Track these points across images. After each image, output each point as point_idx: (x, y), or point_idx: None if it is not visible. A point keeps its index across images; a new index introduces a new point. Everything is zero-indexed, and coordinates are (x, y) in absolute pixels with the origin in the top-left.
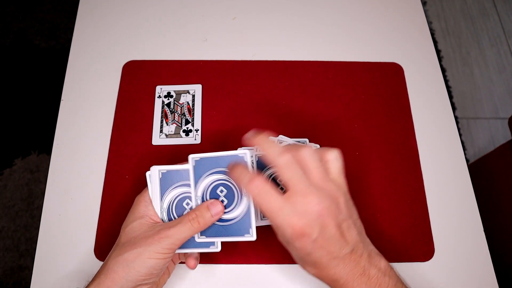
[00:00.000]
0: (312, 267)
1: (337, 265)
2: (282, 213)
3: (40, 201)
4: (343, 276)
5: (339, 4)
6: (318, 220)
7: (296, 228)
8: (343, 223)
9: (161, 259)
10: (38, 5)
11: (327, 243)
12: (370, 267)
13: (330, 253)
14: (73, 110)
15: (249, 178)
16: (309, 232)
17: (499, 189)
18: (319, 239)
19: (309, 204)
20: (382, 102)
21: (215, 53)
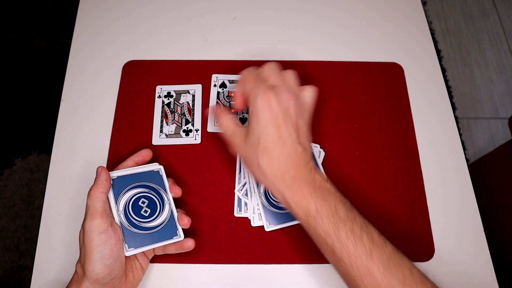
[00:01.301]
0: (263, 153)
1: (289, 154)
2: (264, 83)
3: (40, 201)
4: (291, 169)
5: (339, 4)
6: (286, 105)
7: (267, 95)
8: (302, 125)
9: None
10: (38, 5)
11: (286, 124)
12: (315, 173)
13: (288, 134)
14: (73, 110)
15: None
16: (274, 105)
17: (499, 189)
18: (279, 117)
19: (283, 91)
20: (382, 102)
21: (215, 53)
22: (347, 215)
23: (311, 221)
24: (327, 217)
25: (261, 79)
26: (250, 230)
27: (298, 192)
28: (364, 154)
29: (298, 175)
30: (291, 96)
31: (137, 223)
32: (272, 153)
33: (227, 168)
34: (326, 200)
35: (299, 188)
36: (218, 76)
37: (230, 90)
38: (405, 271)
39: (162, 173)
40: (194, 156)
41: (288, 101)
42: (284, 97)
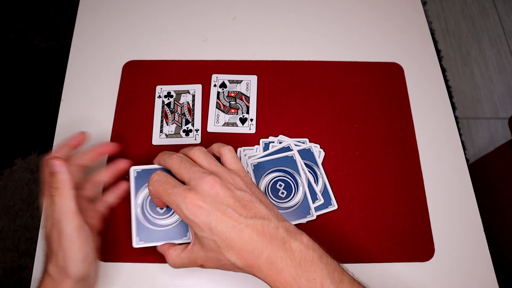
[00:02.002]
0: (228, 249)
1: (251, 236)
2: (177, 190)
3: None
4: (263, 251)
5: (339, 4)
6: (212, 194)
7: (188, 199)
8: (244, 196)
9: None
10: (38, 5)
11: (226, 215)
12: (291, 240)
13: (234, 224)
14: (73, 110)
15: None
16: (202, 203)
17: (499, 189)
18: (215, 210)
19: (203, 181)
20: (382, 102)
21: (215, 53)
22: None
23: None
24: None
25: (173, 184)
26: None
27: (279, 276)
28: (364, 154)
29: (272, 255)
30: (212, 180)
31: (152, 219)
32: (236, 245)
33: None
34: (310, 279)
35: (279, 272)
36: (218, 76)
37: (230, 90)
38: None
39: None
40: None
41: (211, 187)
42: (206, 186)
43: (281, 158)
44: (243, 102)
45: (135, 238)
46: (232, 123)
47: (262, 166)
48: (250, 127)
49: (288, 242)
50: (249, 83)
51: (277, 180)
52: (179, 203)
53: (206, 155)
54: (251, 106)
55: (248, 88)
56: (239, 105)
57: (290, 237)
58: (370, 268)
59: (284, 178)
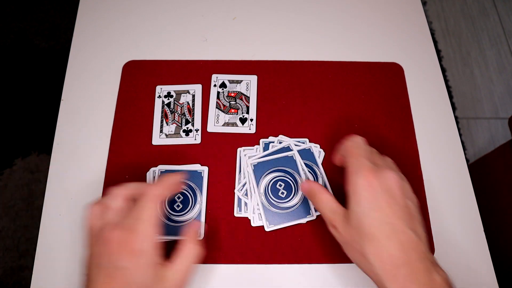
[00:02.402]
0: (369, 241)
1: (402, 243)
2: (365, 161)
3: (40, 201)
4: (406, 264)
5: (339, 4)
6: (390, 185)
7: (369, 174)
8: (411, 209)
9: None
10: (38, 5)
11: (390, 208)
12: (434, 272)
13: (392, 222)
14: (73, 110)
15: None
16: (376, 186)
17: (499, 189)
18: (384, 198)
19: (388, 172)
20: (382, 102)
21: (215, 53)
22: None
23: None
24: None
25: (364, 155)
26: (250, 230)
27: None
28: None
29: (414, 274)
30: (395, 176)
31: (168, 214)
32: (381, 241)
33: (227, 168)
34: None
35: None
36: (218, 76)
37: (230, 90)
38: None
39: (204, 174)
40: (194, 156)
41: (393, 181)
42: (388, 176)
43: (281, 158)
44: (243, 102)
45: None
46: (232, 123)
47: (262, 166)
48: (250, 127)
49: (432, 272)
50: (249, 83)
51: (277, 180)
52: (359, 170)
53: (393, 163)
54: (251, 106)
55: (248, 88)
56: (239, 105)
57: (434, 269)
58: None
59: (284, 178)
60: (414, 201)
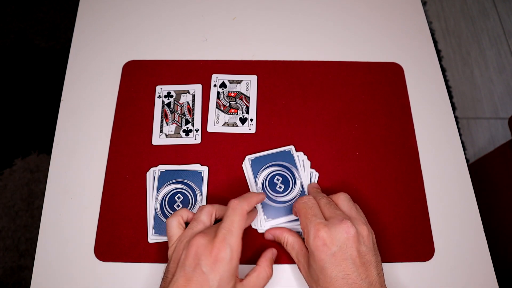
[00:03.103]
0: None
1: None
2: (315, 219)
3: (40, 201)
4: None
5: (339, 4)
6: (342, 239)
7: (320, 233)
8: (366, 255)
9: None
10: (38, 5)
11: (345, 263)
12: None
13: (346, 276)
14: (73, 110)
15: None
16: (329, 243)
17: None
18: (338, 254)
19: (340, 224)
20: (382, 102)
21: (215, 53)
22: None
23: None
24: None
25: (314, 212)
26: (250, 230)
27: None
28: (364, 154)
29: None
30: (345, 228)
31: (168, 215)
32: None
33: (227, 168)
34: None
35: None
36: (218, 76)
37: (230, 90)
38: None
39: (204, 174)
40: (194, 156)
41: (342, 234)
42: (338, 230)
43: (279, 152)
44: (243, 102)
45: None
46: (232, 123)
47: (260, 161)
48: (250, 127)
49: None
50: (249, 83)
51: (275, 174)
52: (311, 231)
53: (349, 201)
54: (251, 106)
55: (248, 88)
56: (239, 105)
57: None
58: None
59: (282, 172)
60: (369, 241)
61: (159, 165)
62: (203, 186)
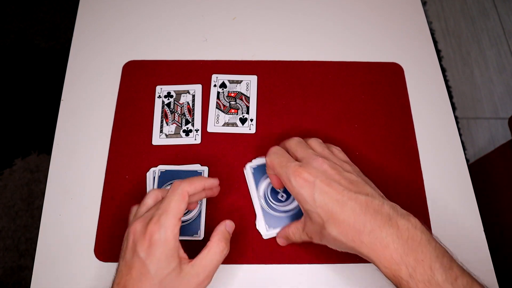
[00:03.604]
0: (330, 222)
1: (353, 209)
2: (289, 164)
3: (40, 201)
4: (365, 224)
5: (339, 4)
6: (321, 170)
7: (297, 173)
8: (350, 176)
9: None
10: (38, 5)
11: (330, 184)
12: (398, 217)
13: (338, 192)
14: (73, 110)
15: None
16: (309, 178)
17: (499, 189)
18: (320, 182)
19: (313, 160)
20: (382, 102)
21: (215, 53)
22: (446, 277)
23: (403, 286)
24: (422, 282)
25: (287, 158)
26: (250, 229)
27: (385, 252)
28: (364, 154)
29: (376, 229)
30: (322, 160)
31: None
32: (338, 218)
33: (227, 168)
34: (418, 260)
35: (385, 248)
36: (218, 76)
37: (230, 90)
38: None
39: (205, 174)
40: (194, 156)
41: (320, 165)
42: (315, 163)
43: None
44: (243, 102)
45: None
46: (232, 123)
47: (261, 169)
48: (250, 127)
49: (395, 219)
50: (249, 83)
51: None
52: (290, 175)
53: (321, 144)
54: (251, 106)
55: (248, 88)
56: (239, 105)
57: (397, 215)
58: (370, 268)
59: None
60: (352, 168)
61: (159, 165)
62: None
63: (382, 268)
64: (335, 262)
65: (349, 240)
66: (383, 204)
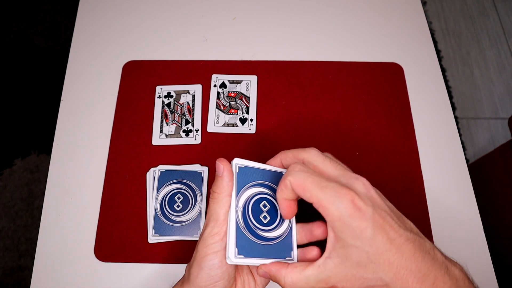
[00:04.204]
0: (385, 265)
1: (413, 253)
2: (333, 185)
3: (40, 201)
4: (429, 273)
5: (339, 4)
6: (368, 195)
7: (349, 196)
8: (393, 207)
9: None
10: (38, 5)
11: (386, 220)
12: (451, 266)
13: (395, 231)
14: (73, 110)
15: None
16: (361, 203)
17: (499, 189)
18: (375, 214)
19: (357, 181)
20: (382, 102)
21: (215, 53)
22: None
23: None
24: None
25: (322, 178)
26: None
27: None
28: (364, 154)
29: (439, 279)
30: (366, 183)
31: (168, 215)
32: (395, 263)
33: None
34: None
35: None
36: (218, 76)
37: (230, 90)
38: None
39: (205, 175)
40: (194, 156)
41: (368, 191)
42: (360, 188)
43: (275, 172)
44: (243, 102)
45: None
46: (232, 123)
47: (250, 173)
48: (250, 127)
49: (449, 268)
50: (249, 83)
51: (263, 198)
52: (335, 199)
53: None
54: (251, 106)
55: (248, 88)
56: (239, 105)
57: (448, 263)
58: None
59: (272, 199)
60: (381, 194)
61: (159, 165)
62: (203, 186)
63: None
64: None
65: (405, 287)
66: (434, 248)
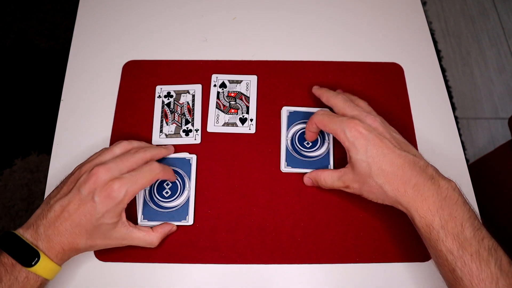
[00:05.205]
0: (378, 172)
1: (402, 164)
2: (342, 118)
3: (40, 201)
4: (411, 178)
5: (339, 4)
6: (373, 125)
7: (352, 124)
8: (399, 138)
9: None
10: (38, 5)
11: (383, 140)
12: (439, 178)
13: (389, 148)
14: (73, 110)
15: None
16: (363, 129)
17: (499, 189)
18: (374, 136)
19: (366, 117)
20: (382, 102)
21: (215, 53)
22: (474, 235)
23: (433, 235)
24: (451, 234)
25: (337, 116)
26: (250, 230)
27: (423, 203)
28: None
29: (420, 183)
30: (374, 118)
31: (157, 201)
32: (386, 170)
33: (226, 168)
34: (452, 215)
35: (424, 200)
36: (218, 76)
37: (230, 90)
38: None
39: (193, 162)
40: None
41: (373, 123)
42: (368, 121)
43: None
44: (243, 102)
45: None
46: (232, 123)
47: (296, 116)
48: (250, 127)
49: (437, 179)
50: (249, 83)
51: (303, 132)
52: (344, 127)
53: (368, 106)
54: (251, 106)
55: (248, 88)
56: (239, 105)
57: (439, 176)
58: (370, 268)
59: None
60: (397, 132)
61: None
62: (192, 173)
63: (416, 217)
64: (335, 262)
65: (394, 189)
66: (427, 165)
